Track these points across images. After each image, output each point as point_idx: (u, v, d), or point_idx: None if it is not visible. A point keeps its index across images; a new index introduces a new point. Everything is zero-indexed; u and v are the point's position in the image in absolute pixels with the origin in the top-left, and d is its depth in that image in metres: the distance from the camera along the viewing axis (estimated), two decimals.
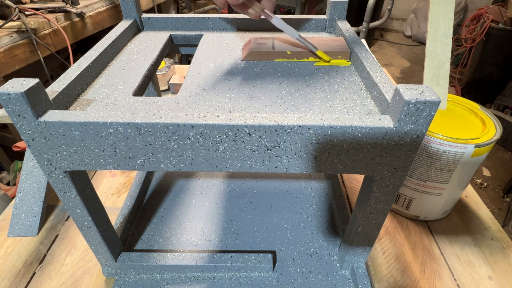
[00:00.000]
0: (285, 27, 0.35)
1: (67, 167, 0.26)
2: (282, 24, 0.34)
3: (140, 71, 0.34)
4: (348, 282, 0.37)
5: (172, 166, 0.26)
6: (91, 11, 1.13)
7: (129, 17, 0.43)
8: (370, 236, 0.33)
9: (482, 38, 1.93)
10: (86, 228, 0.32)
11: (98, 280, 0.38)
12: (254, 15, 0.33)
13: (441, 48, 0.41)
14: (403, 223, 0.46)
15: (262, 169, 0.26)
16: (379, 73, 0.29)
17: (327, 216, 0.46)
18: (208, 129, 0.24)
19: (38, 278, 0.39)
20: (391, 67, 2.60)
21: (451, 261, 0.41)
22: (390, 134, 0.23)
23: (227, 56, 0.38)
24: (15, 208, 0.40)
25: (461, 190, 0.44)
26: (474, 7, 2.58)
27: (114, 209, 0.48)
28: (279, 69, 0.35)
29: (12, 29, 0.86)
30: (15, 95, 0.22)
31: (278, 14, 0.44)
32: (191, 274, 0.38)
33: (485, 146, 0.38)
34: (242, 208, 0.47)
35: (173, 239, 0.42)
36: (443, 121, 0.42)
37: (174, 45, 0.45)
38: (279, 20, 0.34)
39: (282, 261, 0.40)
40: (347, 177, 0.54)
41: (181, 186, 0.50)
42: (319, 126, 0.23)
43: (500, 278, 0.39)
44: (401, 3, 2.99)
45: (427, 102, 0.22)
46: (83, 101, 0.29)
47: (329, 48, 0.36)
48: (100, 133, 0.24)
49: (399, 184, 0.27)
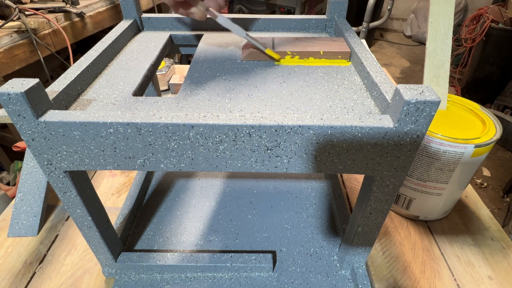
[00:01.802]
0: (232, 26, 0.34)
1: (67, 167, 0.26)
2: (229, 23, 0.34)
3: (140, 71, 0.34)
4: (348, 282, 0.37)
5: (172, 166, 0.26)
6: (91, 11, 1.13)
7: (129, 17, 0.43)
8: (370, 236, 0.33)
9: (482, 38, 1.93)
10: (86, 228, 0.32)
11: (98, 280, 0.38)
12: (198, 15, 0.31)
13: (441, 48, 0.41)
14: (403, 223, 0.46)
15: (262, 169, 0.26)
16: (379, 73, 0.29)
17: (327, 216, 0.46)
18: (208, 129, 0.24)
19: (38, 278, 0.39)
20: (391, 67, 2.60)
21: (451, 261, 0.41)
22: (390, 134, 0.23)
23: (227, 56, 0.38)
24: (15, 208, 0.40)
25: (461, 190, 0.44)
26: (474, 7, 2.58)
27: (114, 209, 0.48)
28: (279, 69, 0.35)
29: (12, 29, 0.86)
30: (15, 95, 0.22)
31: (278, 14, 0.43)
32: (191, 274, 0.38)
33: (485, 146, 0.38)
34: (242, 208, 0.47)
35: (173, 239, 0.42)
36: (443, 121, 0.42)
37: (174, 45, 0.45)
38: (225, 19, 0.33)
39: (282, 261, 0.40)
40: (347, 177, 0.54)
41: (181, 186, 0.50)
42: (319, 126, 0.23)
43: (500, 278, 0.39)
44: (401, 3, 2.99)
45: (427, 102, 0.22)
46: (83, 101, 0.29)
47: (329, 48, 0.36)
48: (100, 133, 0.24)
49: (399, 184, 0.27)
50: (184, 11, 0.31)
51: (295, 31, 0.45)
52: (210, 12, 0.32)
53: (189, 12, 0.31)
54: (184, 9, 0.31)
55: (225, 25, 0.34)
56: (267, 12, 2.03)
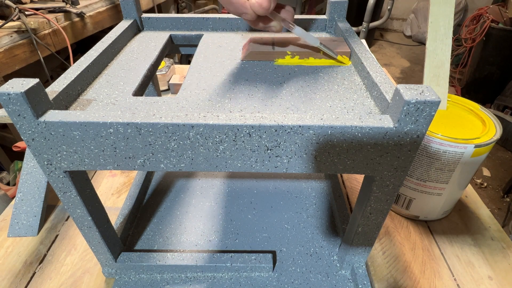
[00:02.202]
0: (307, 36, 0.34)
1: (67, 167, 0.26)
2: (304, 34, 0.34)
3: (140, 71, 0.34)
4: (348, 282, 0.37)
5: (172, 166, 0.26)
6: (91, 11, 1.13)
7: (129, 17, 0.43)
8: (370, 236, 0.33)
9: (482, 38, 1.93)
10: (86, 228, 0.32)
11: (98, 280, 0.38)
12: (277, 28, 0.31)
13: (441, 48, 0.41)
14: (403, 223, 0.46)
15: (262, 169, 0.26)
16: (379, 73, 0.29)
17: (327, 216, 0.46)
18: (208, 129, 0.24)
19: (38, 278, 0.39)
20: (391, 67, 2.60)
21: (451, 261, 0.41)
22: (390, 134, 0.23)
23: (227, 56, 0.38)
24: (15, 208, 0.40)
25: (461, 190, 0.44)
26: (474, 7, 2.58)
27: (114, 209, 0.48)
28: (279, 69, 0.35)
29: (12, 29, 0.86)
30: (15, 95, 0.22)
31: None
32: (191, 274, 0.38)
33: (485, 146, 0.38)
34: (242, 208, 0.47)
35: (173, 239, 0.42)
36: (443, 121, 0.42)
37: (174, 45, 0.45)
38: (301, 30, 0.33)
39: (282, 261, 0.40)
40: (347, 177, 0.54)
41: (181, 186, 0.50)
42: (319, 126, 0.23)
43: (500, 278, 0.39)
44: (401, 3, 2.99)
45: (427, 102, 0.22)
46: (83, 101, 0.29)
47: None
48: (100, 133, 0.24)
49: (399, 184, 0.27)
50: (263, 25, 0.31)
51: None
52: (285, 23, 0.32)
53: (268, 26, 0.31)
54: (264, 24, 0.31)
55: (301, 35, 0.34)
56: None
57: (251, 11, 0.28)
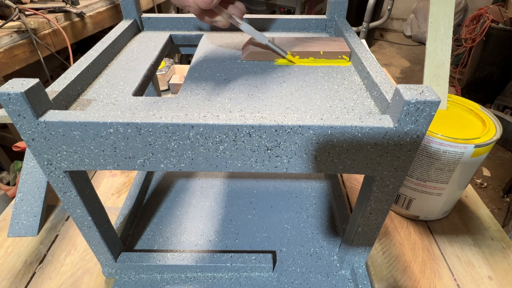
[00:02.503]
0: (254, 33, 0.34)
1: (67, 167, 0.26)
2: (251, 31, 0.34)
3: (140, 71, 0.34)
4: (348, 282, 0.37)
5: (172, 166, 0.26)
6: (91, 11, 1.13)
7: (129, 17, 0.43)
8: (370, 236, 0.33)
9: (482, 38, 1.93)
10: (86, 228, 0.32)
11: (98, 280, 0.38)
12: (222, 23, 0.31)
13: (441, 48, 0.41)
14: (403, 223, 0.46)
15: (262, 169, 0.26)
16: (379, 73, 0.29)
17: (327, 216, 0.46)
18: (208, 129, 0.24)
19: (38, 278, 0.39)
20: (391, 67, 2.60)
21: (451, 261, 0.41)
22: (390, 134, 0.23)
23: (227, 56, 0.38)
24: (15, 208, 0.40)
25: (461, 190, 0.44)
26: (474, 7, 2.58)
27: (114, 209, 0.48)
28: (279, 69, 0.35)
29: (12, 29, 0.86)
30: (15, 95, 0.22)
31: (278, 14, 0.43)
32: (191, 274, 0.38)
33: (485, 146, 0.38)
34: (242, 208, 0.47)
35: (173, 239, 0.42)
36: (443, 121, 0.42)
37: (174, 45, 0.45)
38: (248, 26, 0.34)
39: (282, 261, 0.40)
40: (347, 177, 0.54)
41: (181, 186, 0.50)
42: (319, 126, 0.23)
43: (500, 278, 0.39)
44: (401, 3, 2.99)
45: (427, 102, 0.22)
46: (83, 101, 0.29)
47: (329, 48, 0.36)
48: (100, 133, 0.24)
49: (399, 184, 0.27)
50: (209, 19, 0.31)
51: (295, 31, 0.45)
52: (233, 20, 0.32)
53: (213, 20, 0.31)
54: (209, 17, 0.31)
55: (248, 32, 0.34)
56: (267, 12, 2.03)
57: (194, 4, 0.28)
